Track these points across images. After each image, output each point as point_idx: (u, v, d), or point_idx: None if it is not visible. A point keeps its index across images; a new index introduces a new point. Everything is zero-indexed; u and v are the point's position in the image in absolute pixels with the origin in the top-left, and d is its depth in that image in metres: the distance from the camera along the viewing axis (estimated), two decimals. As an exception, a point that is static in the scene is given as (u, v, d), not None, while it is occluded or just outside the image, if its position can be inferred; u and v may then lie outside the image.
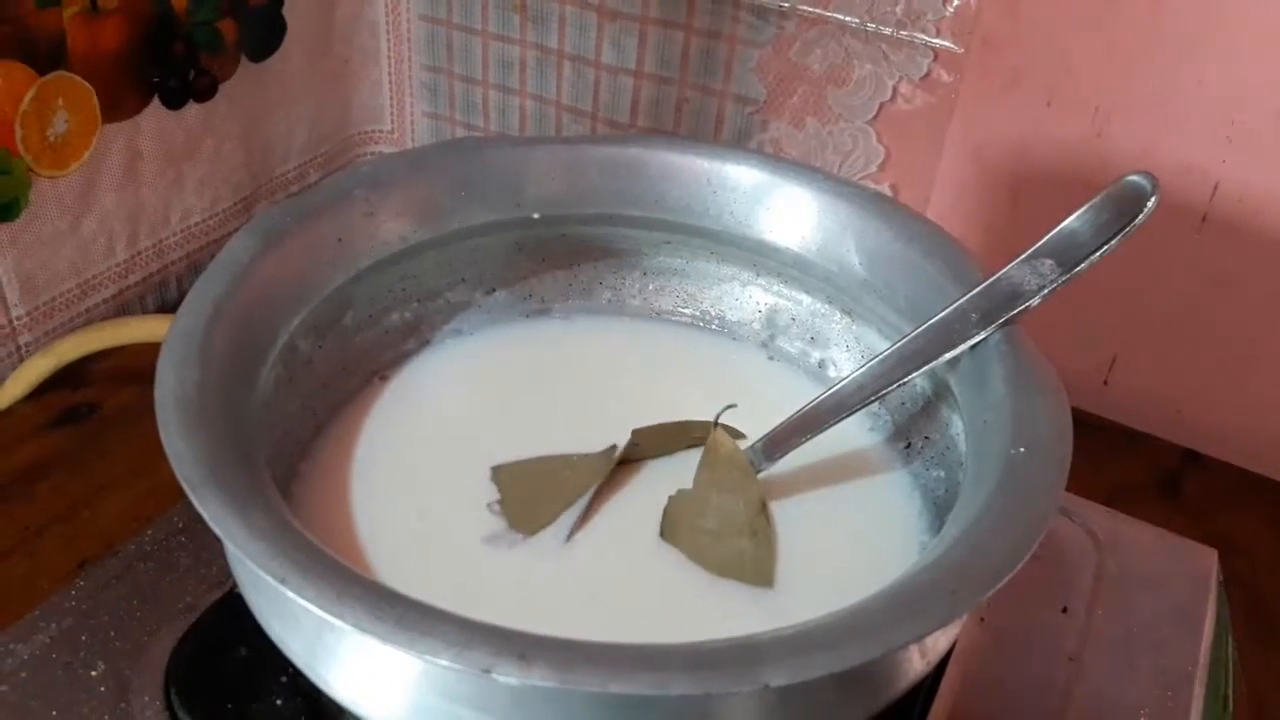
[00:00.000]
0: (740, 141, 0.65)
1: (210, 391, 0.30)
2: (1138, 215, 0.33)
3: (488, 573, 0.35)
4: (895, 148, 0.62)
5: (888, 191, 0.63)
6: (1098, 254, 0.33)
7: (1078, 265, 0.34)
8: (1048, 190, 0.60)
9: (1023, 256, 0.35)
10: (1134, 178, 0.34)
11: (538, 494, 0.37)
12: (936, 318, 0.36)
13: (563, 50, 0.67)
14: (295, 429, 0.38)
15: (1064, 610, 0.41)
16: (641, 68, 0.65)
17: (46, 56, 0.52)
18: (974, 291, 0.35)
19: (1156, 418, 0.62)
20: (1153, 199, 0.33)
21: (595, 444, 0.40)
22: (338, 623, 0.25)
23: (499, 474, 0.38)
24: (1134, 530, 0.45)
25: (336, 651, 0.28)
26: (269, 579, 0.25)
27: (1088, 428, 0.62)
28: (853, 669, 0.25)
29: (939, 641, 0.30)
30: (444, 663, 0.24)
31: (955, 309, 0.35)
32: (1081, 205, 0.36)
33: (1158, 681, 0.39)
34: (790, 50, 0.61)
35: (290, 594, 0.25)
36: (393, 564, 0.34)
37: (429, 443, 0.39)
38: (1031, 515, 0.28)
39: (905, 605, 0.26)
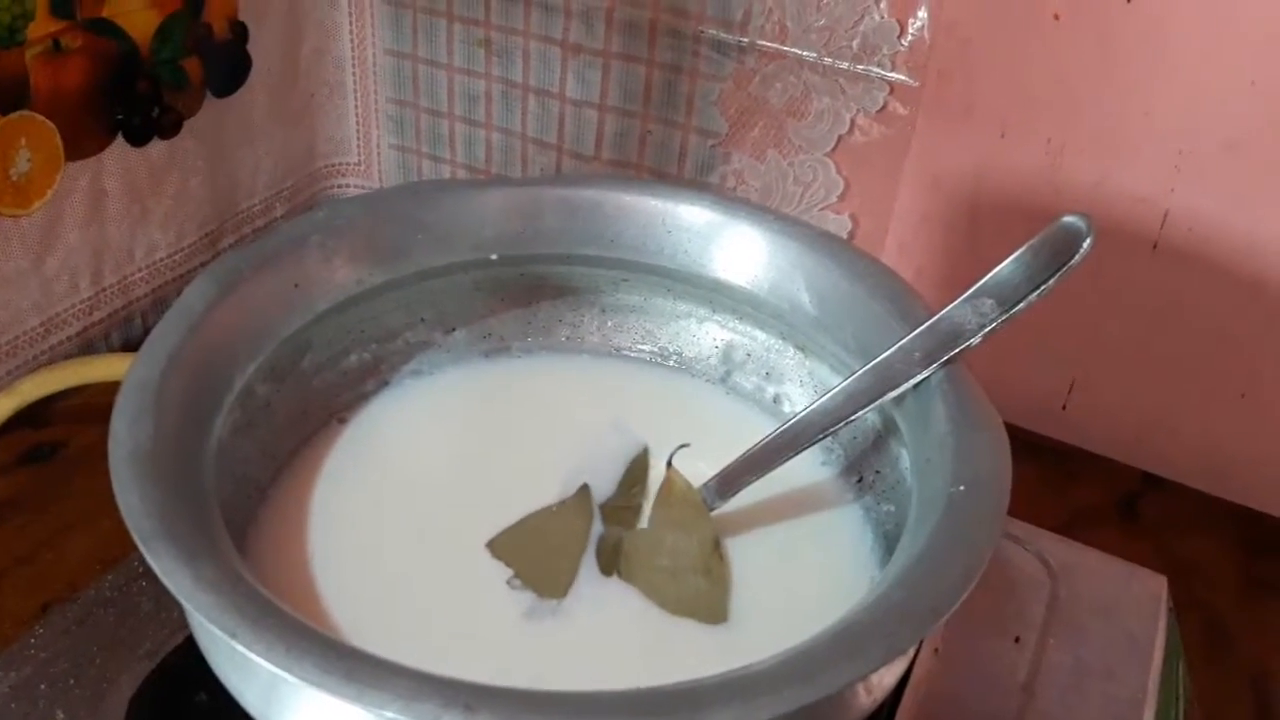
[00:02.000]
0: (703, 173, 0.65)
1: (165, 442, 0.31)
2: (1074, 256, 0.34)
3: (439, 612, 0.36)
4: (854, 179, 0.63)
5: (848, 222, 0.64)
6: (1035, 294, 0.34)
7: (1016, 305, 0.35)
8: (1004, 219, 0.61)
9: (964, 296, 0.36)
10: (1070, 219, 0.35)
11: (544, 555, 0.38)
12: (882, 356, 0.36)
13: (527, 84, 0.68)
14: (253, 473, 0.38)
15: (1016, 640, 0.42)
16: (605, 101, 0.66)
17: (9, 96, 0.52)
18: (917, 331, 0.36)
19: (1115, 441, 0.63)
20: (1088, 240, 0.34)
21: (555, 481, 0.40)
22: (287, 676, 0.25)
23: (496, 547, 0.38)
24: (1086, 558, 0.46)
25: (290, 703, 0.28)
26: (219, 633, 0.26)
27: (1047, 452, 0.63)
28: (795, 711, 0.25)
29: (884, 678, 0.31)
30: (391, 715, 0.24)
31: (900, 348, 0.36)
32: (1027, 240, 0.36)
33: (1107, 709, 0.39)
34: (750, 84, 0.62)
35: (240, 647, 0.26)
36: (349, 608, 0.34)
37: (387, 485, 0.40)
38: (969, 556, 0.29)
39: (846, 646, 0.27)
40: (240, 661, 0.29)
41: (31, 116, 0.53)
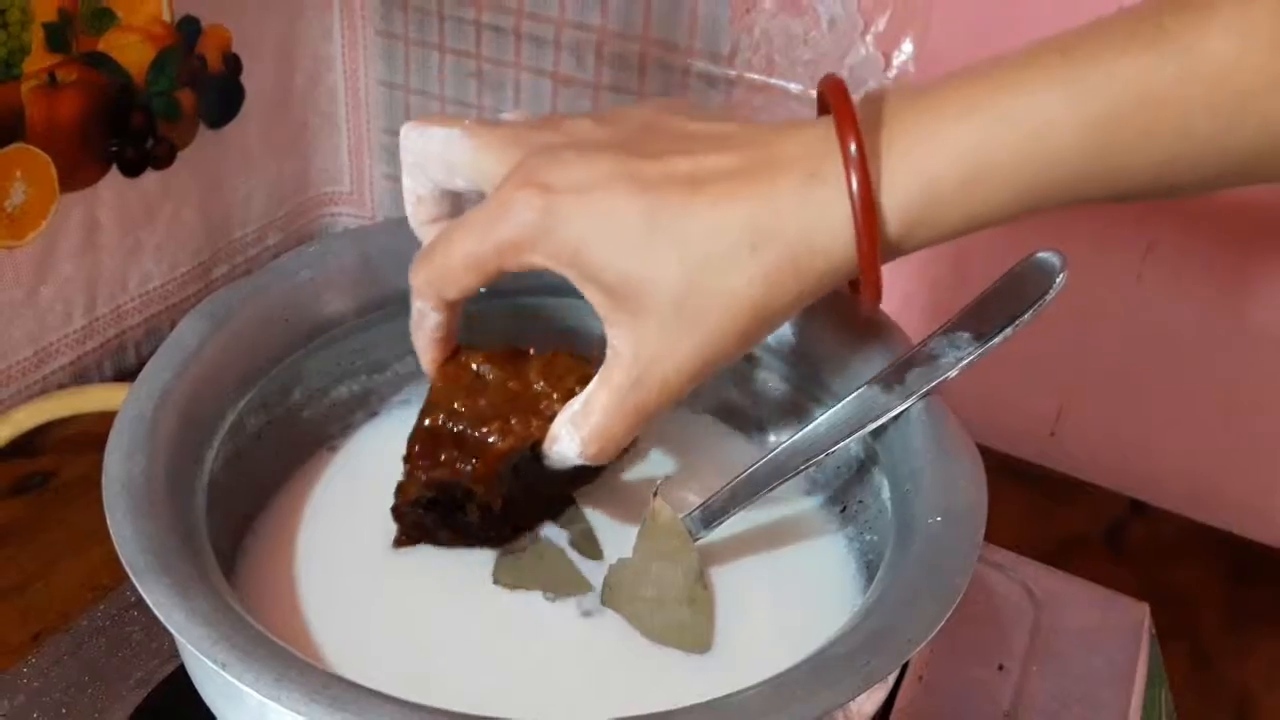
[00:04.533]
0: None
1: (157, 475, 0.31)
2: (1048, 292, 0.35)
3: (427, 639, 0.36)
4: (840, 208, 0.63)
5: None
6: (1010, 328, 0.35)
7: (991, 339, 0.35)
8: (990, 248, 0.61)
9: (940, 329, 0.36)
10: (1044, 255, 0.36)
11: (544, 565, 0.39)
12: (863, 388, 0.37)
13: (518, 115, 0.69)
14: (242, 504, 0.38)
15: (1000, 668, 0.42)
16: (594, 132, 0.67)
17: (5, 129, 0.53)
18: (895, 364, 0.37)
19: (1103, 468, 0.63)
20: (1061, 275, 0.35)
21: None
22: (275, 705, 0.26)
23: (501, 578, 0.38)
24: (1069, 586, 0.46)
25: (278, 732, 0.29)
26: (210, 664, 0.26)
27: (1036, 479, 0.64)
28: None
29: (863, 707, 0.31)
30: (377, 744, 0.25)
31: (880, 379, 0.37)
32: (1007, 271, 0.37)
33: (1090, 736, 0.40)
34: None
35: (230, 678, 0.26)
36: (335, 635, 0.35)
37: (373, 511, 0.40)
38: (945, 586, 0.29)
39: (822, 675, 0.27)
40: (230, 691, 0.30)
41: (27, 148, 0.54)
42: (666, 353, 0.33)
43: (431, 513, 0.38)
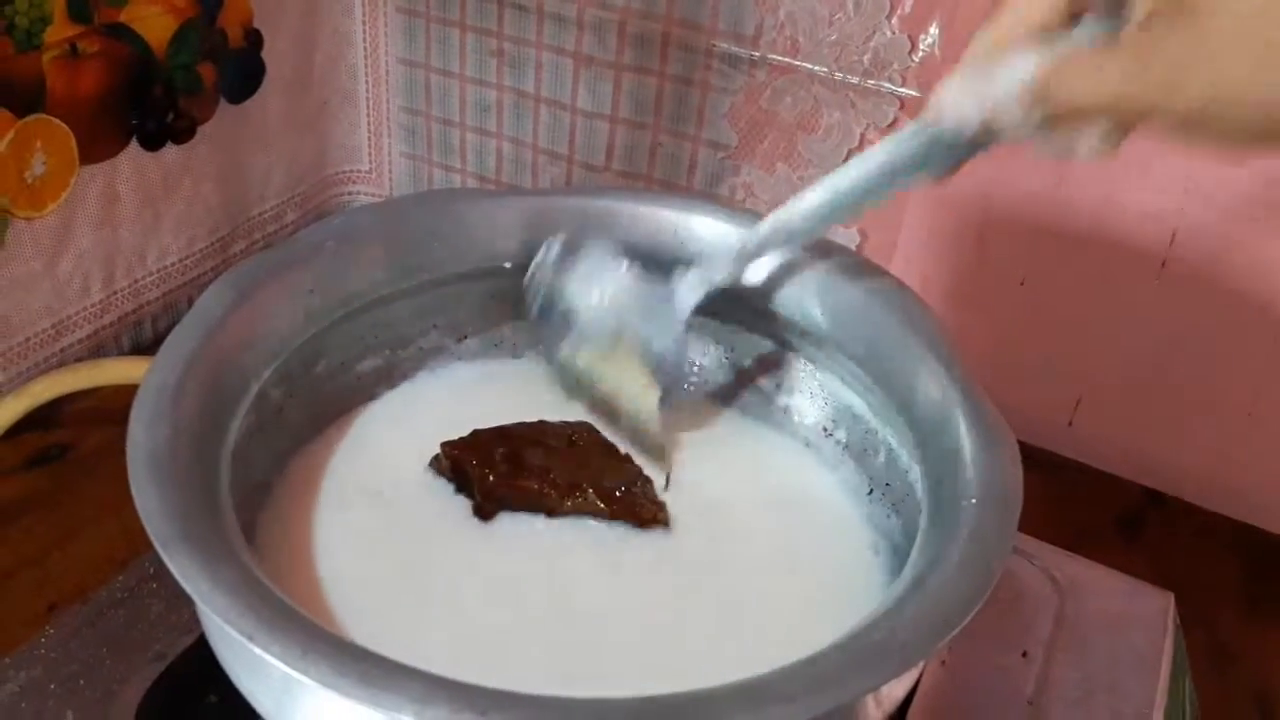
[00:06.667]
0: (713, 185, 0.66)
1: (181, 445, 0.31)
2: None
3: (445, 609, 0.36)
4: (863, 193, 0.63)
5: (857, 236, 0.64)
6: None
7: None
8: (1011, 234, 0.61)
9: None
10: None
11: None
12: None
13: (539, 94, 0.68)
14: (263, 474, 0.38)
15: (1024, 655, 0.42)
16: (616, 113, 0.66)
17: (26, 99, 0.52)
18: None
19: (1120, 458, 0.63)
20: None
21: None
22: (303, 678, 0.25)
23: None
24: (1093, 573, 0.46)
25: (304, 705, 0.28)
26: (236, 635, 0.26)
27: (1052, 468, 0.63)
28: (807, 720, 0.26)
29: (895, 690, 0.31)
30: (407, 718, 0.25)
31: None
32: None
33: (1114, 725, 0.40)
34: (761, 98, 0.62)
35: (257, 650, 0.26)
36: (348, 602, 0.35)
37: (393, 482, 0.40)
38: (982, 569, 0.29)
39: (859, 658, 0.27)
40: (255, 664, 0.29)
41: (48, 120, 0.53)
42: (1197, 63, 0.26)
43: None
